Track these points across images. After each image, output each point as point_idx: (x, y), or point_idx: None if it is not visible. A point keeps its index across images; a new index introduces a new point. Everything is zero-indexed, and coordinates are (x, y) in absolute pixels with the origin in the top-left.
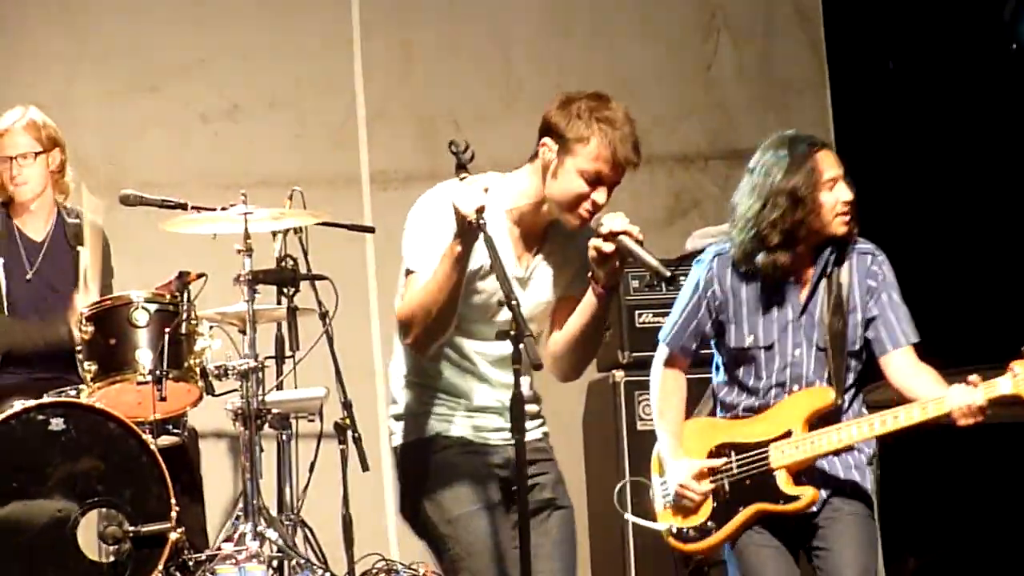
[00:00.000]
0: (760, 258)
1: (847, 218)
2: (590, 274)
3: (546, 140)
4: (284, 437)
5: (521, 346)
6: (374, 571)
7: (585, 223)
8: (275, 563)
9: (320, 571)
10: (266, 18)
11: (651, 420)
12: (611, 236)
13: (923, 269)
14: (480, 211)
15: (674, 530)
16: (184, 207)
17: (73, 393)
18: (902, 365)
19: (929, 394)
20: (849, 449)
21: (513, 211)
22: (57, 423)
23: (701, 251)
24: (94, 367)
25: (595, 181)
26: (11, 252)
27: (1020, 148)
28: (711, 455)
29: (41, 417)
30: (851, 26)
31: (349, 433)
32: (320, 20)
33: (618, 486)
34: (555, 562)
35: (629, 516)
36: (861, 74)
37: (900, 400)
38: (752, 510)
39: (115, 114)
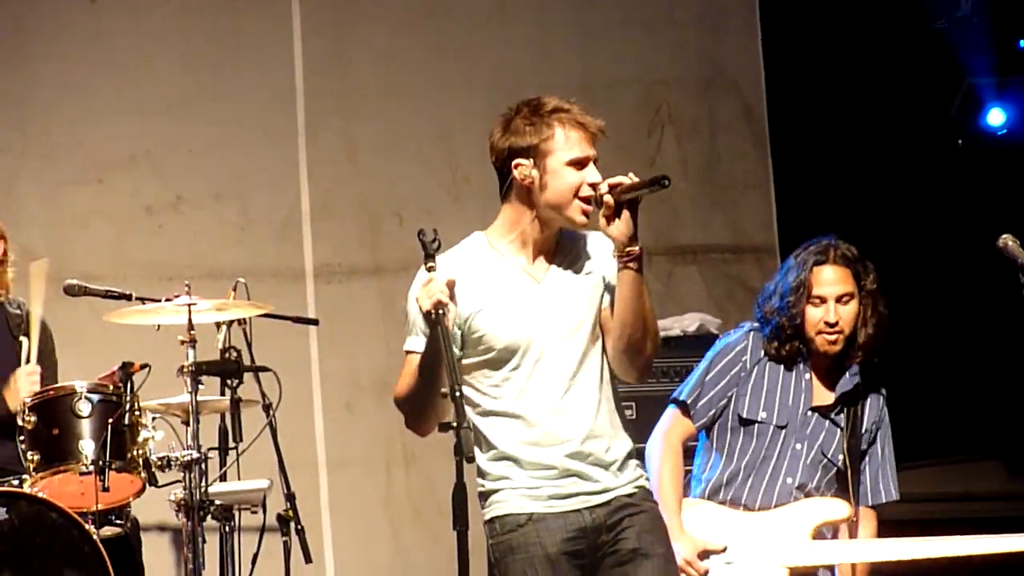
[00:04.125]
0: (773, 343)
1: (830, 338)
2: (615, 253)
3: (518, 162)
4: (227, 529)
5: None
6: None
7: (588, 213)
8: None
9: None
10: (211, 111)
11: None
12: (611, 190)
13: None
14: (438, 306)
15: None
16: (128, 298)
17: (16, 483)
18: (867, 519)
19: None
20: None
21: (513, 240)
22: None
23: None
24: (37, 456)
25: (581, 163)
26: None
27: (966, 243)
28: (712, 540)
29: None
30: (796, 124)
31: (292, 525)
32: (265, 113)
33: None
34: None
35: None
36: (806, 173)
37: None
38: None
39: (59, 205)
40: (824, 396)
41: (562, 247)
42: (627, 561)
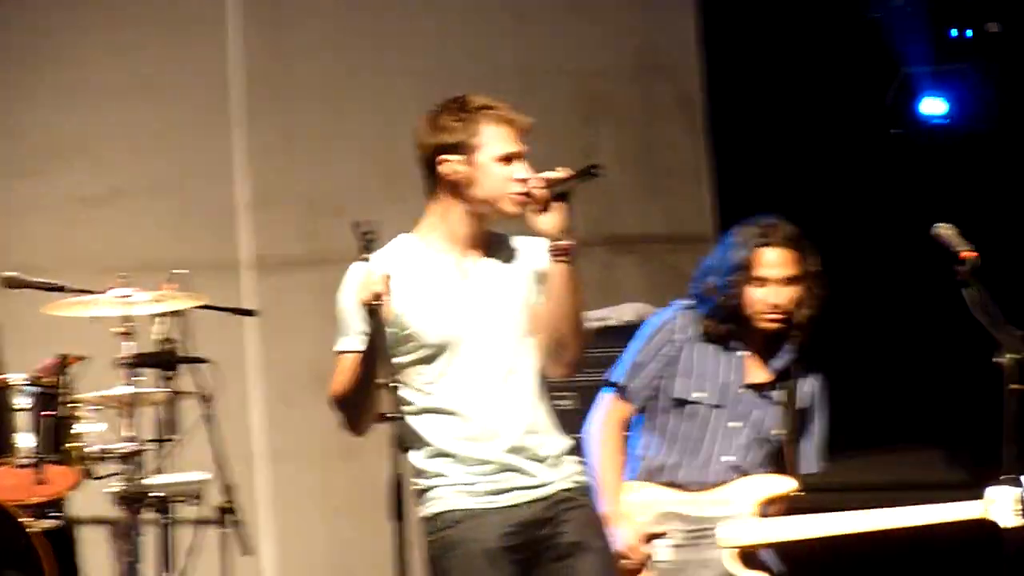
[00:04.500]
0: (709, 321)
1: (770, 317)
2: (547, 248)
3: (445, 158)
4: (164, 521)
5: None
6: None
7: (521, 204)
8: None
9: None
10: (148, 101)
11: None
12: (545, 184)
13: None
14: (376, 297)
15: None
16: (62, 289)
17: None
18: None
19: None
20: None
21: (442, 236)
22: None
23: None
24: None
25: (509, 158)
26: None
27: (902, 232)
28: (654, 523)
29: None
30: (733, 113)
31: (230, 517)
32: (202, 104)
33: None
34: None
35: None
36: (743, 161)
37: None
38: None
39: None
40: (758, 374)
41: (492, 245)
42: (567, 555)
